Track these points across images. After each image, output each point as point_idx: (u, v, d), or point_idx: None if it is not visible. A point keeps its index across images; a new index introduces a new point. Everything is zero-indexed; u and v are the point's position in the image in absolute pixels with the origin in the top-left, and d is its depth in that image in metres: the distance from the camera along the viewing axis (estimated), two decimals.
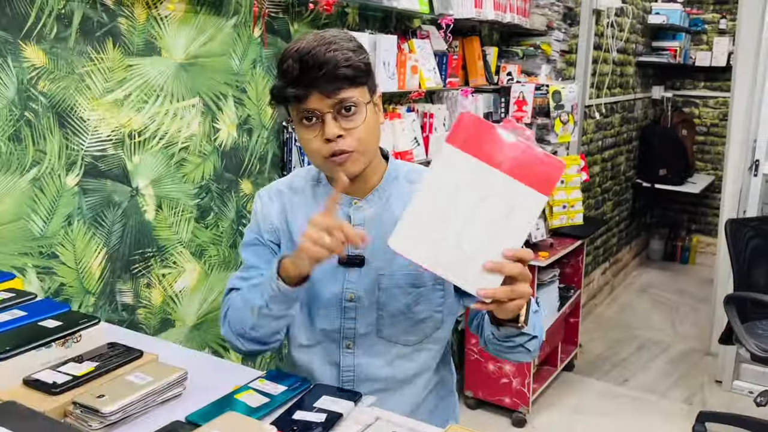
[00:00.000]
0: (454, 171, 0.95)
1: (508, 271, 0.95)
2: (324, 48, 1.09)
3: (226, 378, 1.06)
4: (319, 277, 1.21)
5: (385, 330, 1.24)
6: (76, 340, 1.07)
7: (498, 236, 0.95)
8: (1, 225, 1.41)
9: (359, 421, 0.95)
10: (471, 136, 0.95)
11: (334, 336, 1.25)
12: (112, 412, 0.90)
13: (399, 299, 1.22)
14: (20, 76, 1.41)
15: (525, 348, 1.13)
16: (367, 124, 1.14)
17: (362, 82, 1.14)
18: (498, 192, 0.94)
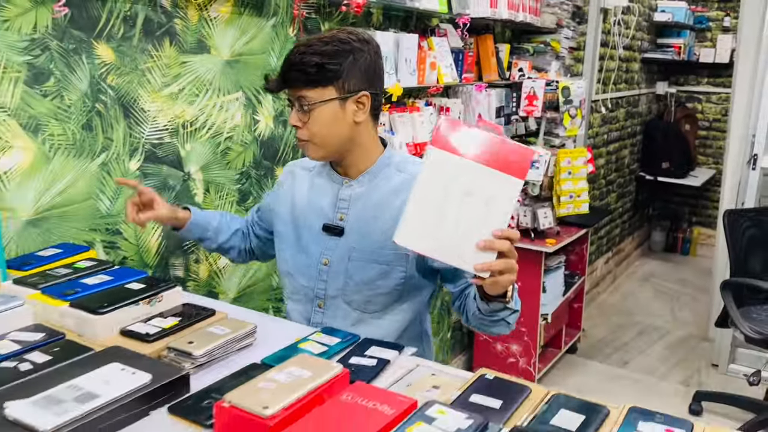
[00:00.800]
0: (442, 170, 1.11)
1: (498, 247, 1.10)
2: (297, 50, 1.34)
3: (285, 333, 1.24)
4: (306, 240, 1.47)
5: (350, 296, 1.44)
6: (159, 300, 1.25)
7: (486, 220, 1.11)
8: (75, 204, 1.59)
9: (403, 366, 1.13)
10: (451, 138, 1.11)
11: (310, 294, 1.48)
12: (201, 354, 1.08)
13: (365, 272, 1.42)
14: (92, 71, 1.59)
15: (506, 321, 1.31)
16: (318, 121, 1.34)
17: (323, 84, 1.33)
18: (481, 182, 1.11)
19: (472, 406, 0.92)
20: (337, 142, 1.39)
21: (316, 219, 1.47)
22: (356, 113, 1.37)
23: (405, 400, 0.90)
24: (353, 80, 1.34)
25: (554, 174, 3.12)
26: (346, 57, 1.33)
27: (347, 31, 1.38)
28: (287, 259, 1.52)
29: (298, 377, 0.94)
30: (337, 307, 1.45)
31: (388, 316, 1.45)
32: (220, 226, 1.66)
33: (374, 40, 1.41)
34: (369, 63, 1.36)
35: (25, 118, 1.46)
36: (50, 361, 1.04)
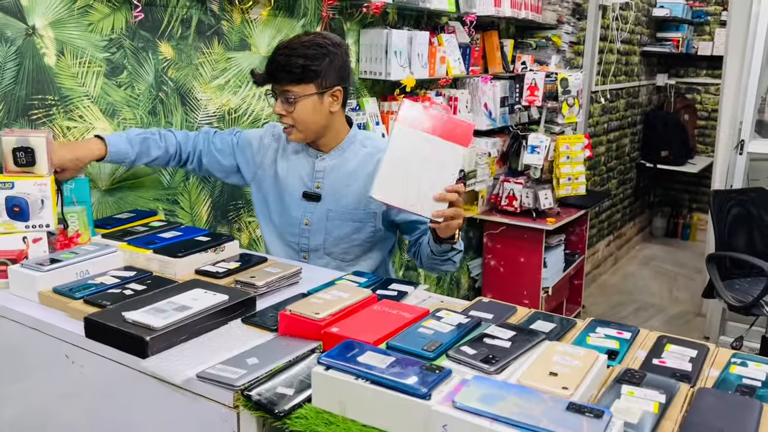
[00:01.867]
0: (405, 142, 1.45)
1: (449, 198, 1.47)
2: (281, 51, 1.64)
3: (323, 276, 1.54)
4: (290, 203, 1.79)
5: (329, 248, 1.79)
6: (222, 250, 1.56)
7: (440, 178, 1.47)
8: (141, 177, 1.91)
9: (418, 296, 1.43)
10: (411, 116, 1.46)
11: (295, 247, 1.81)
12: (262, 285, 1.39)
13: (341, 228, 1.77)
14: (156, 66, 1.90)
15: (452, 260, 1.67)
16: (301, 111, 1.64)
17: (305, 81, 1.62)
18: (435, 150, 1.46)
19: (471, 317, 1.22)
20: (316, 128, 1.70)
21: (297, 187, 1.78)
22: (331, 104, 1.68)
23: (420, 309, 1.20)
24: (329, 78, 1.64)
25: (554, 158, 3.40)
26: (324, 59, 1.62)
27: (322, 35, 1.69)
28: (274, 220, 1.83)
29: (339, 297, 1.24)
30: (319, 258, 1.80)
31: (360, 262, 1.81)
32: (139, 156, 1.74)
33: (345, 43, 1.74)
34: (341, 63, 1.68)
35: (104, 105, 1.78)
36: (146, 289, 1.34)
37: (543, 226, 3.39)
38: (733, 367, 1.06)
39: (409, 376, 0.91)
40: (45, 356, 1.29)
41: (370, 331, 1.10)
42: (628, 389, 0.95)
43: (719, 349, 1.16)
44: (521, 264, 3.51)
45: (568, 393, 0.90)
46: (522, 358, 1.02)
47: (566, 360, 0.99)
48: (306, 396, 0.98)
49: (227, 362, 1.07)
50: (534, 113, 3.63)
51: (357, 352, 0.98)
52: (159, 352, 1.12)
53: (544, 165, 3.37)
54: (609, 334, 1.19)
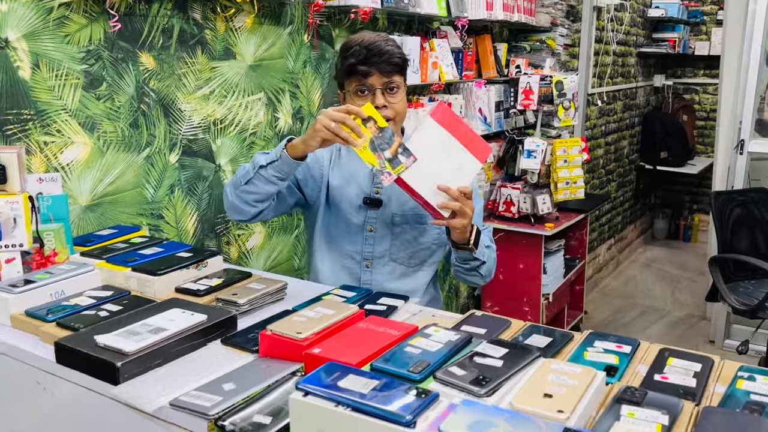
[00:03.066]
0: (431, 134, 1.48)
1: (452, 193, 1.46)
2: (384, 42, 1.63)
3: (310, 291, 1.48)
4: (349, 212, 1.73)
5: (396, 254, 1.75)
6: (204, 266, 1.50)
7: (453, 179, 1.48)
8: (124, 192, 1.85)
9: (408, 311, 1.37)
10: (443, 116, 1.50)
11: (357, 257, 1.75)
12: (244, 303, 1.33)
13: (408, 232, 1.74)
14: (137, 77, 1.84)
15: (479, 273, 1.66)
16: (402, 101, 1.67)
17: (404, 72, 1.67)
18: (455, 153, 1.50)
19: (462, 333, 1.16)
20: (404, 119, 1.70)
21: (356, 194, 1.74)
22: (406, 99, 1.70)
23: (409, 326, 1.14)
24: (406, 72, 1.70)
25: (551, 162, 3.34)
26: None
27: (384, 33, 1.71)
28: (331, 231, 1.77)
29: (324, 314, 1.18)
30: (384, 264, 1.75)
31: (425, 267, 1.78)
32: None
33: None
34: None
35: (83, 118, 1.72)
36: (122, 310, 1.28)
37: (542, 231, 3.33)
38: (740, 381, 1.00)
39: (393, 402, 0.85)
40: (16, 383, 1.23)
41: (354, 352, 1.04)
42: (629, 410, 0.88)
43: (725, 362, 1.10)
44: (521, 270, 3.44)
45: (564, 417, 0.84)
46: (515, 377, 0.96)
47: (562, 379, 0.93)
48: (284, 424, 0.91)
49: (202, 388, 1.01)
50: (530, 117, 3.58)
51: (338, 375, 0.92)
52: (131, 378, 1.06)
53: (542, 169, 3.31)
54: (608, 348, 1.13)
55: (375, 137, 1.45)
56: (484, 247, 1.65)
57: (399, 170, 1.43)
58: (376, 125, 1.46)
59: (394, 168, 1.43)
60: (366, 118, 1.45)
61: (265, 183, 1.57)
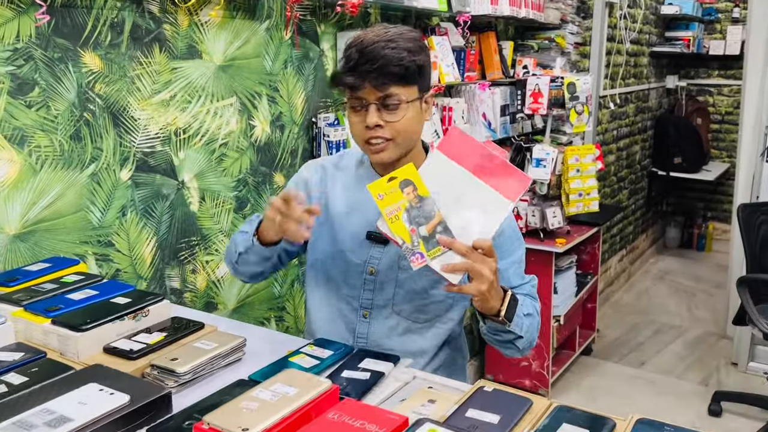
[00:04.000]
0: (438, 171, 1.17)
1: (456, 249, 1.12)
2: (383, 44, 1.23)
3: (277, 346, 1.19)
4: (348, 247, 1.39)
5: (400, 305, 1.38)
6: (145, 315, 1.21)
7: (470, 228, 1.15)
8: (64, 216, 1.55)
9: (399, 379, 1.07)
10: (457, 147, 1.18)
11: (354, 304, 1.41)
12: (185, 372, 1.03)
13: (417, 281, 1.36)
14: (79, 80, 1.55)
15: (514, 345, 1.29)
16: (406, 120, 1.27)
17: (411, 82, 1.27)
18: (473, 192, 1.16)
19: (467, 421, 0.86)
20: (414, 142, 1.34)
21: (359, 226, 1.40)
22: (426, 112, 1.33)
23: (395, 419, 0.84)
24: (427, 78, 1.31)
25: (562, 172, 3.05)
26: (424, 55, 1.29)
27: (407, 27, 1.32)
28: (328, 269, 1.43)
29: (283, 395, 0.89)
30: (386, 317, 1.40)
31: (437, 324, 1.41)
32: None
33: None
34: (430, 61, 1.34)
35: (9, 130, 1.43)
36: (26, 383, 0.99)
37: (552, 248, 3.03)
38: None
39: None
40: None
41: None
42: None
43: None
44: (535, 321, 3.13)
45: None
46: None
47: None
48: None
49: None
50: (538, 122, 3.28)
51: None
52: None
53: (552, 180, 3.01)
54: None
55: (411, 207, 1.15)
56: (523, 315, 1.28)
57: (434, 253, 1.14)
58: (416, 192, 1.16)
59: (428, 250, 1.14)
60: (405, 181, 1.16)
61: (251, 264, 1.43)
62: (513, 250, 1.37)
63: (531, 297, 1.38)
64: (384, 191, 1.15)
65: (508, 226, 1.37)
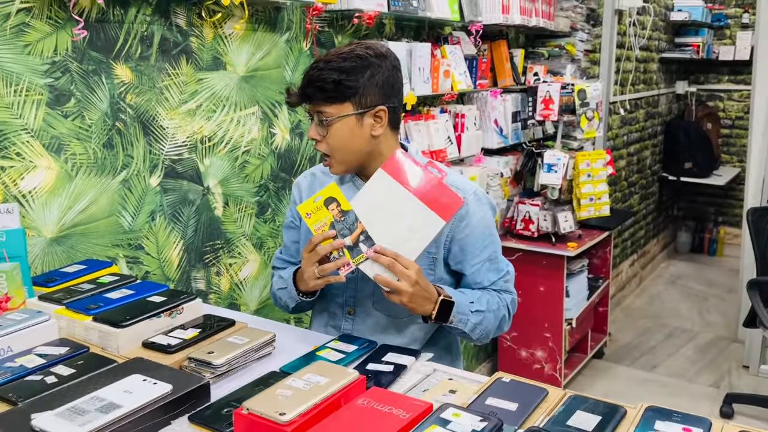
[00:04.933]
0: (381, 188, 1.30)
1: (383, 261, 1.27)
2: (317, 65, 1.37)
3: (303, 342, 1.26)
4: None
5: (380, 302, 1.47)
6: (179, 312, 1.28)
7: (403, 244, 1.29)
8: (97, 220, 1.63)
9: (420, 371, 1.14)
10: (398, 166, 1.31)
11: (340, 301, 1.51)
12: (221, 364, 1.10)
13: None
14: (112, 91, 1.63)
15: (467, 336, 1.43)
16: (336, 136, 1.38)
17: (340, 100, 1.36)
18: (410, 211, 1.29)
19: (487, 408, 0.92)
20: (356, 156, 1.42)
21: None
22: (373, 127, 1.39)
23: (420, 404, 0.91)
24: (370, 96, 1.37)
25: (573, 177, 3.10)
26: (364, 73, 1.35)
27: (365, 45, 1.39)
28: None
29: (315, 384, 0.95)
30: (368, 314, 1.49)
31: (417, 320, 1.47)
32: None
33: (392, 54, 1.43)
34: (386, 78, 1.38)
35: (47, 139, 1.51)
36: (74, 374, 1.06)
37: (564, 252, 3.09)
38: None
39: None
40: None
41: None
42: None
43: None
44: (541, 294, 3.19)
45: None
46: None
47: None
48: None
49: None
50: (549, 128, 3.34)
51: None
52: None
53: (563, 184, 3.07)
54: None
55: (336, 221, 1.28)
56: (470, 312, 1.39)
57: (359, 260, 1.27)
58: (339, 208, 1.28)
59: (353, 257, 1.28)
60: (329, 198, 1.29)
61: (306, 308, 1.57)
62: (481, 250, 1.45)
63: (499, 291, 1.47)
64: (311, 210, 1.29)
65: (477, 227, 1.45)
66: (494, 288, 1.46)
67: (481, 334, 1.42)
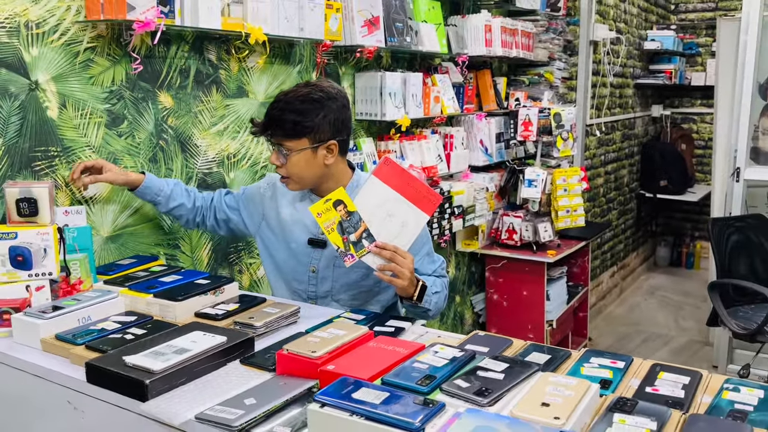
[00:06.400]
0: (375, 193, 1.56)
1: (384, 254, 1.54)
2: (276, 105, 1.66)
3: (320, 315, 1.56)
4: (296, 250, 1.80)
5: (337, 295, 1.80)
6: (221, 292, 1.59)
7: (397, 238, 1.57)
8: (143, 223, 1.95)
9: (415, 332, 1.45)
10: (388, 173, 1.56)
11: (303, 295, 1.83)
12: (261, 326, 1.41)
13: (349, 275, 1.77)
14: (156, 115, 1.95)
15: (426, 314, 1.71)
16: (294, 165, 1.66)
17: (298, 137, 1.63)
18: (400, 210, 1.57)
19: (466, 350, 1.23)
20: (311, 180, 1.72)
21: (301, 234, 1.79)
22: (326, 157, 1.68)
23: (416, 344, 1.22)
24: (323, 132, 1.65)
25: (551, 191, 3.44)
26: (318, 113, 1.63)
27: (319, 88, 1.68)
28: (281, 268, 1.84)
29: (336, 335, 1.26)
30: (328, 305, 1.79)
31: (369, 307, 1.79)
32: (173, 195, 1.86)
33: (342, 92, 1.72)
34: (337, 116, 1.66)
35: (105, 154, 1.83)
36: (146, 334, 1.37)
37: (544, 258, 3.41)
38: (726, 392, 1.07)
39: (403, 411, 0.93)
40: (47, 403, 1.30)
41: (365, 368, 1.11)
42: (620, 417, 0.96)
43: (712, 375, 1.17)
44: (524, 297, 3.51)
45: (560, 423, 0.91)
46: (515, 389, 1.03)
47: (559, 390, 1.00)
48: None
49: (225, 403, 1.09)
50: (530, 148, 3.68)
51: (352, 388, 1.00)
52: (159, 395, 1.14)
53: (542, 198, 3.40)
54: (603, 364, 1.20)
55: (343, 220, 1.55)
56: (432, 293, 1.69)
57: (361, 253, 1.55)
58: (346, 209, 1.56)
59: (357, 251, 1.55)
60: (337, 201, 1.56)
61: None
62: (420, 248, 1.75)
63: (439, 276, 1.80)
64: (321, 210, 1.56)
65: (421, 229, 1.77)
66: (435, 275, 1.78)
67: (436, 312, 1.73)
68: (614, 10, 4.84)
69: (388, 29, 2.59)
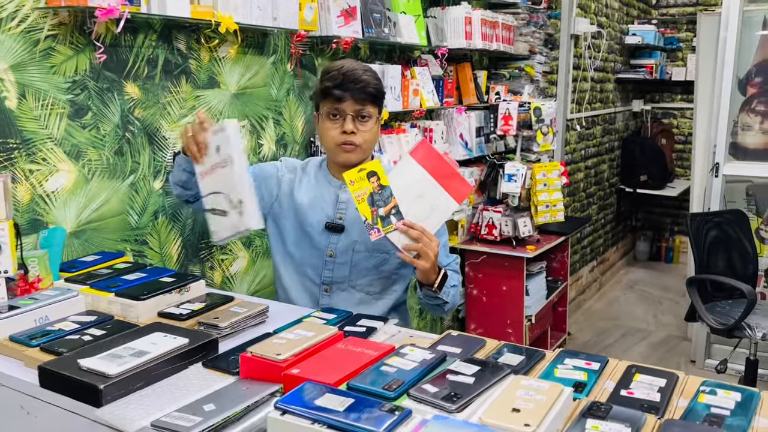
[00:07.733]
0: (408, 173, 1.55)
1: (411, 233, 1.53)
2: (362, 71, 1.68)
3: (291, 313, 1.51)
4: (312, 234, 1.77)
5: (355, 281, 1.77)
6: (187, 290, 1.53)
7: (425, 220, 1.55)
8: (109, 218, 1.88)
9: (387, 332, 1.40)
10: (424, 155, 1.56)
11: (317, 280, 1.79)
12: (225, 326, 1.36)
13: (368, 260, 1.76)
14: (122, 106, 1.88)
15: (442, 308, 1.71)
16: (371, 131, 1.72)
17: (378, 103, 1.71)
18: (431, 193, 1.55)
19: (437, 351, 1.19)
20: (372, 150, 1.76)
21: (319, 218, 1.77)
22: (379, 130, 1.76)
23: (385, 346, 1.18)
24: (383, 102, 1.75)
25: (531, 186, 3.41)
26: (382, 85, 1.73)
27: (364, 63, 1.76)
28: (293, 253, 1.81)
29: (303, 336, 1.21)
30: (343, 290, 1.77)
31: (385, 295, 1.78)
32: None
33: None
34: None
35: (68, 146, 1.76)
36: (105, 335, 1.31)
37: (523, 254, 3.38)
38: (702, 396, 1.04)
39: (367, 419, 0.88)
40: None
41: (331, 371, 1.07)
42: (593, 423, 0.92)
43: (689, 377, 1.14)
44: (503, 293, 3.49)
45: (530, 430, 0.87)
46: (485, 394, 0.99)
47: (530, 395, 0.97)
48: None
49: (183, 409, 1.04)
50: (510, 142, 3.65)
51: (315, 394, 0.95)
52: (114, 400, 1.08)
53: (522, 193, 3.38)
54: (577, 366, 1.17)
55: (375, 192, 1.53)
56: (450, 286, 1.68)
57: (388, 230, 1.52)
58: (379, 182, 1.53)
59: (384, 226, 1.52)
60: (371, 172, 1.53)
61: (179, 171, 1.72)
62: (441, 236, 1.73)
63: (455, 272, 1.78)
64: (355, 179, 1.54)
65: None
66: (450, 269, 1.74)
67: (451, 306, 1.72)
68: (595, 3, 4.82)
69: (366, 20, 2.53)
